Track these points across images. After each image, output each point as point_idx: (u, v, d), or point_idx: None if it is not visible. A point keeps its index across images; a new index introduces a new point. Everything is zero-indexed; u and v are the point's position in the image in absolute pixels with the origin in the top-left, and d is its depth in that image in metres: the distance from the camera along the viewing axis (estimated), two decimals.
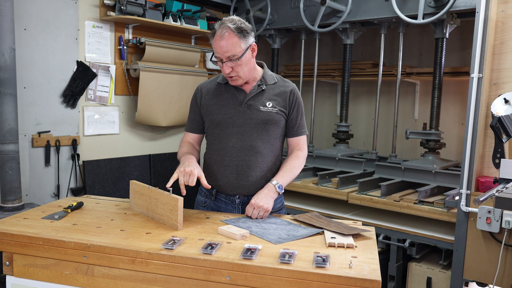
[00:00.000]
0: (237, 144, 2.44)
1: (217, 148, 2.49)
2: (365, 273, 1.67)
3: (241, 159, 2.44)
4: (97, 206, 2.50)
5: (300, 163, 2.52)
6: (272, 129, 2.46)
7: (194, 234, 2.05)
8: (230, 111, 2.46)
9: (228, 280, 1.75)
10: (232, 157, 2.45)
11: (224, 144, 2.46)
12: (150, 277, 1.84)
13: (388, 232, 3.67)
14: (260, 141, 2.45)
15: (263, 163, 2.45)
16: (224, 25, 2.31)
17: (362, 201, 3.84)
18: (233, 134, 2.45)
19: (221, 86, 2.52)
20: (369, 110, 5.17)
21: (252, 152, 2.44)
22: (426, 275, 3.57)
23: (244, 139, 2.44)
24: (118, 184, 4.43)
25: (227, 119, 2.45)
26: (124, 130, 4.51)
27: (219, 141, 2.48)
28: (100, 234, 2.01)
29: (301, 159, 2.53)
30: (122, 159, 4.47)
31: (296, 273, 1.69)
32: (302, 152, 2.56)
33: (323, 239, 2.03)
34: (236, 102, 2.46)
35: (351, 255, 1.85)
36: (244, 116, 2.44)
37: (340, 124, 4.74)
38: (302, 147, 2.57)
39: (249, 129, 2.44)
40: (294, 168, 2.48)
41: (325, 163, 4.58)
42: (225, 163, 2.46)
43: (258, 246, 1.88)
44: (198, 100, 2.56)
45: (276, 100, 2.47)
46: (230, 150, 2.45)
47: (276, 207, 2.57)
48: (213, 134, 2.51)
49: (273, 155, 2.50)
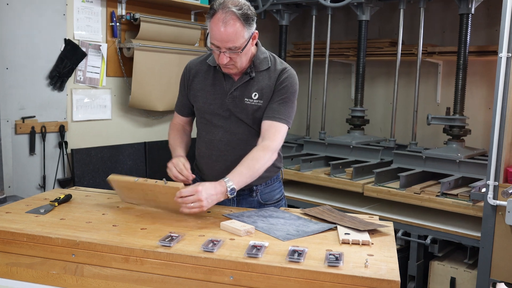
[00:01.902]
0: (224, 137, 2.45)
1: (205, 140, 2.51)
2: (382, 272, 1.67)
3: (230, 153, 2.45)
4: (87, 199, 2.50)
5: (266, 158, 2.31)
6: (259, 122, 2.43)
7: (194, 230, 2.05)
8: (216, 101, 2.45)
9: (231, 281, 1.75)
10: (221, 151, 2.46)
11: (212, 137, 2.47)
12: (145, 277, 1.84)
13: (408, 227, 3.69)
14: (249, 134, 2.45)
15: None
16: (228, 9, 2.20)
17: (379, 193, 3.86)
18: (219, 126, 2.46)
19: (210, 69, 2.49)
20: (387, 93, 5.19)
21: (241, 146, 2.43)
22: (450, 275, 3.58)
23: (231, 132, 2.44)
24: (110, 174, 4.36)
25: (213, 109, 2.45)
26: (116, 115, 4.51)
27: (207, 132, 2.50)
28: (90, 230, 2.02)
29: (267, 152, 2.31)
30: (114, 147, 4.47)
31: (307, 273, 1.69)
32: (272, 143, 2.34)
33: (336, 236, 2.03)
34: (222, 91, 2.44)
35: (367, 253, 1.85)
36: (229, 108, 2.43)
37: (355, 109, 4.76)
38: (273, 137, 2.35)
39: (235, 122, 2.44)
40: (257, 163, 2.28)
41: (338, 152, 4.60)
42: (213, 158, 2.48)
43: (264, 243, 1.88)
44: (186, 82, 2.56)
45: (264, 90, 2.42)
46: (217, 143, 2.46)
47: (274, 198, 2.60)
48: (201, 123, 2.53)
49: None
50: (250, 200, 2.54)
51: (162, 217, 2.22)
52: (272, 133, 2.36)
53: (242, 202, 2.54)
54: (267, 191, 2.58)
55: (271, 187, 2.59)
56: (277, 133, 2.37)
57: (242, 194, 2.52)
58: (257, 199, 2.55)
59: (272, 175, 2.58)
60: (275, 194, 2.59)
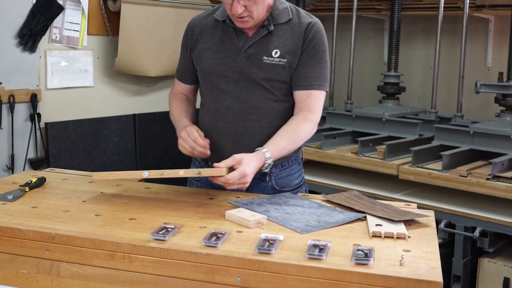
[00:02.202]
0: (234, 105, 2.47)
1: (210, 109, 2.53)
2: (421, 272, 1.66)
3: (240, 125, 2.46)
4: (64, 183, 2.52)
5: (308, 132, 2.43)
6: (279, 85, 2.46)
7: (194, 221, 2.06)
8: (226, 61, 2.47)
9: (239, 282, 1.75)
10: (228, 122, 2.48)
11: (218, 105, 2.49)
12: (135, 277, 1.84)
13: (452, 217, 3.68)
14: (265, 101, 2.46)
15: (269, 129, 2.45)
16: None
17: (417, 176, 3.85)
18: (228, 92, 2.47)
19: (218, 25, 2.52)
20: (427, 55, 5.19)
21: (254, 115, 2.46)
22: (503, 275, 3.58)
23: (243, 99, 2.46)
24: (93, 153, 4.46)
25: (221, 71, 2.47)
26: (100, 81, 4.53)
27: (212, 99, 2.52)
28: (68, 221, 2.02)
29: (310, 124, 2.43)
30: (97, 120, 4.49)
31: (330, 272, 1.68)
32: (313, 115, 2.45)
33: (365, 227, 2.05)
34: (233, 49, 2.47)
35: (403, 248, 1.85)
36: (242, 69, 2.45)
37: (388, 74, 4.75)
38: (313, 108, 2.45)
39: (248, 86, 2.45)
40: (298, 137, 2.40)
41: (368, 126, 4.61)
42: (219, 130, 2.50)
43: (278, 236, 1.89)
44: (189, 43, 2.59)
45: (287, 47, 2.44)
46: (225, 113, 2.48)
47: (292, 184, 2.60)
48: (206, 89, 2.56)
49: (283, 118, 2.49)
50: (262, 186, 2.55)
51: (155, 205, 2.23)
52: (311, 103, 2.44)
53: (253, 189, 2.52)
54: (283, 175, 2.58)
55: (288, 170, 2.59)
56: (317, 103, 2.45)
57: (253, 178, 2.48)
58: (271, 185, 2.56)
59: (290, 155, 2.56)
60: (293, 178, 2.60)
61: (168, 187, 2.50)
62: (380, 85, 4.85)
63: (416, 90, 5.26)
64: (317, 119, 2.46)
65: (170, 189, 2.47)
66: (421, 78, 5.26)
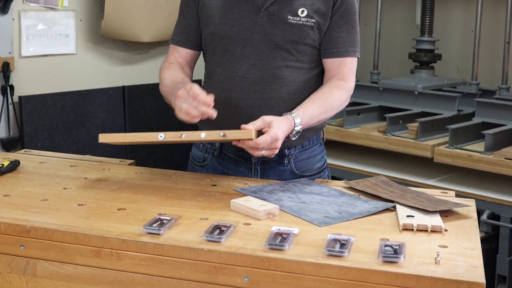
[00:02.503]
0: (251, 72, 2.46)
1: (221, 79, 2.51)
2: (460, 271, 1.65)
3: (258, 96, 2.46)
4: (42, 168, 2.52)
5: (342, 100, 2.48)
6: (306, 50, 2.46)
7: (193, 211, 2.06)
8: (242, 21, 2.46)
9: (246, 283, 1.74)
10: (244, 93, 2.47)
11: (232, 73, 2.48)
12: (125, 277, 1.84)
13: (497, 207, 3.67)
14: (288, 69, 2.46)
15: (291, 102, 2.45)
16: None
17: (456, 159, 3.84)
18: (245, 57, 2.46)
19: None
20: (467, 18, 5.16)
21: (274, 85, 2.45)
22: None
23: (262, 65, 2.45)
24: (75, 132, 4.47)
25: (236, 33, 2.46)
26: (83, 48, 4.54)
27: (224, 67, 2.50)
28: (47, 211, 2.02)
29: (344, 93, 2.49)
30: (80, 93, 4.50)
31: (353, 272, 1.67)
32: (347, 84, 2.50)
33: (394, 219, 2.05)
34: (251, 8, 2.45)
35: (439, 243, 1.85)
36: (262, 31, 2.44)
37: (421, 39, 4.73)
38: (347, 77, 2.50)
39: (269, 50, 2.45)
40: (330, 105, 2.44)
41: (398, 100, 4.60)
42: (232, 102, 2.48)
43: (292, 229, 1.89)
44: None
45: (314, 5, 2.44)
46: (240, 82, 2.47)
47: (313, 168, 2.61)
48: (215, 56, 2.53)
49: (307, 90, 2.49)
50: (280, 170, 2.55)
51: (147, 192, 2.22)
52: (344, 71, 2.49)
53: (269, 173, 2.55)
54: (303, 157, 2.58)
55: (309, 151, 2.60)
56: (351, 71, 2.51)
57: (269, 161, 2.52)
58: (290, 169, 2.56)
59: (311, 134, 2.57)
60: (315, 161, 2.60)
61: (163, 172, 2.50)
62: (411, 52, 4.81)
63: (454, 58, 5.21)
64: (351, 88, 2.51)
65: (166, 174, 2.46)
66: (460, 44, 5.21)
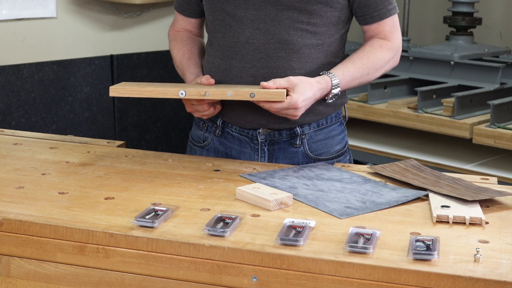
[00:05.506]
0: (254, 38, 2.44)
1: (221, 46, 2.51)
2: (503, 270, 1.62)
3: (262, 64, 2.44)
4: (17, 150, 2.55)
5: (388, 59, 2.50)
6: (321, 10, 2.41)
7: (193, 200, 2.05)
8: None
9: (255, 284, 1.72)
10: (247, 61, 2.46)
11: (234, 38, 2.47)
12: (113, 277, 1.82)
13: None
14: (297, 33, 2.43)
15: (301, 72, 2.42)
16: None
17: (498, 140, 3.81)
18: (248, 20, 2.44)
19: None
20: None
21: (281, 52, 2.43)
22: None
23: (267, 30, 2.43)
24: (55, 108, 4.52)
25: None
26: (65, 10, 4.56)
27: (225, 33, 2.49)
28: (23, 201, 2.02)
29: (388, 51, 2.50)
30: (61, 63, 4.55)
31: (378, 271, 1.64)
32: (392, 43, 2.51)
33: (426, 209, 2.03)
34: None
35: (478, 238, 1.82)
36: None
37: (458, 1, 4.65)
38: (391, 36, 2.51)
39: (276, 12, 2.42)
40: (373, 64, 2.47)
41: (431, 71, 4.55)
42: (234, 71, 2.48)
43: (308, 221, 1.86)
44: None
45: None
46: (242, 48, 2.46)
47: (332, 151, 2.58)
48: (215, 21, 2.53)
49: (323, 58, 2.48)
50: (291, 151, 2.52)
51: (140, 179, 2.22)
52: (386, 30, 2.51)
53: (278, 155, 2.53)
54: (320, 138, 2.54)
55: (327, 131, 2.56)
56: (394, 28, 2.52)
57: (278, 141, 2.50)
58: (303, 151, 2.52)
59: (329, 110, 2.53)
60: (333, 143, 2.57)
61: (158, 155, 2.50)
62: (447, 16, 4.71)
63: (496, 23, 5.17)
64: (398, 47, 2.52)
65: (161, 158, 2.46)
66: (503, 6, 5.16)
